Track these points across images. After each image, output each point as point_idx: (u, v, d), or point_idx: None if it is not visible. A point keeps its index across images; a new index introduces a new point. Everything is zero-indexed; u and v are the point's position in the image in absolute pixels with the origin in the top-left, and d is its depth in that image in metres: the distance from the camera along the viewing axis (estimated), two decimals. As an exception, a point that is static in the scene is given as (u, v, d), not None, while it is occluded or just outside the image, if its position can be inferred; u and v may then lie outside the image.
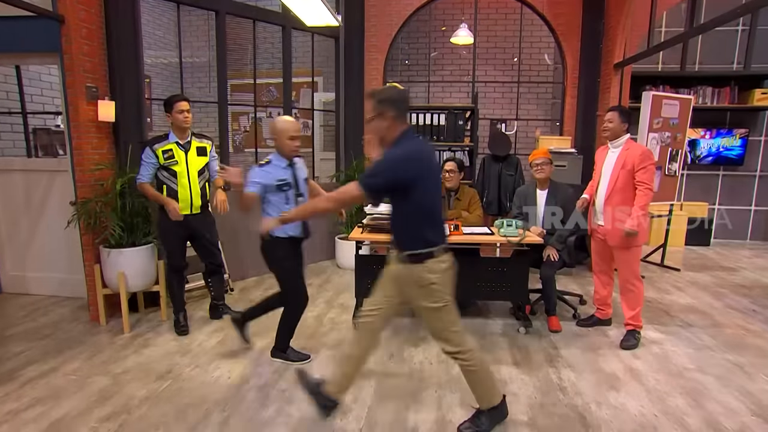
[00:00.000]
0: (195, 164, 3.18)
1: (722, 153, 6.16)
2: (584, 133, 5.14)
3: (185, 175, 3.13)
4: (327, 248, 5.31)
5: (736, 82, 5.71)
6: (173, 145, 3.10)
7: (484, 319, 3.57)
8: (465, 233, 3.27)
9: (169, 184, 3.11)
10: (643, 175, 2.91)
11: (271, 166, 2.67)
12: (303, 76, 5.40)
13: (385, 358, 2.90)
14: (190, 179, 3.16)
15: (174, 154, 3.09)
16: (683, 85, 5.77)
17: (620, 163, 2.98)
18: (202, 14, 5.40)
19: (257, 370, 2.72)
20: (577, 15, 5.14)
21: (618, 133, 3.02)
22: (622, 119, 2.99)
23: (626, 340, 3.08)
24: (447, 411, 2.33)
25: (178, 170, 3.11)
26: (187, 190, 3.14)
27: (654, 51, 4.25)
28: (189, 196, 3.15)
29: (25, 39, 3.42)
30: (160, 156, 3.06)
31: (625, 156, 2.97)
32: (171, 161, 3.09)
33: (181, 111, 3.05)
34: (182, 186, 3.13)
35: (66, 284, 3.89)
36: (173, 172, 3.11)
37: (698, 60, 6.16)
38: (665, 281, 4.59)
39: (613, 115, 3.01)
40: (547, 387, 2.57)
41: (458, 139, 4.92)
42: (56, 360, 2.83)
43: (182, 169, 3.12)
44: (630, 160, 2.94)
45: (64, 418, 2.24)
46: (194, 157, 3.18)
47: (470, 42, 5.94)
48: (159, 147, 3.06)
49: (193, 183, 3.17)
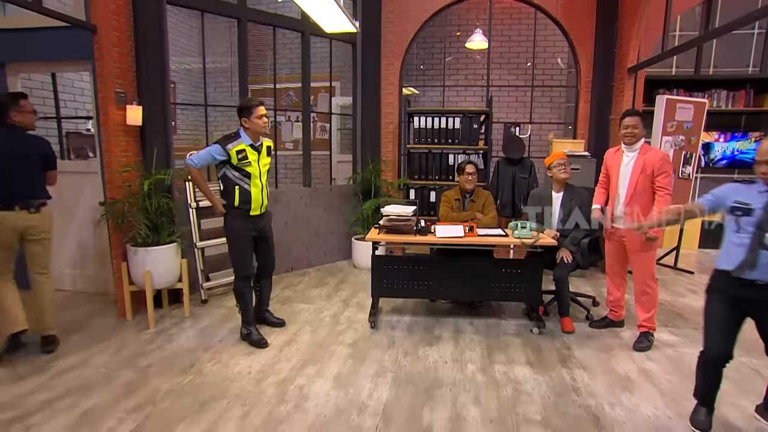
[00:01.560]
0: (264, 164, 3.13)
1: (737, 156, 6.09)
2: (598, 137, 5.15)
3: (258, 175, 3.06)
4: (343, 248, 5.40)
5: (751, 86, 5.65)
6: (247, 146, 2.99)
7: (497, 319, 3.61)
8: (479, 235, 3.32)
9: (242, 185, 3.02)
10: (663, 180, 2.92)
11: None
12: (321, 81, 5.51)
13: (401, 356, 2.96)
14: (262, 179, 3.10)
15: (248, 155, 2.99)
16: (697, 88, 5.73)
17: (639, 167, 2.99)
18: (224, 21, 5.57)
19: (276, 367, 2.80)
20: (590, 19, 5.16)
21: (640, 138, 3.05)
22: (643, 123, 3.03)
23: (640, 342, 3.09)
24: (461, 409, 2.37)
25: (252, 171, 3.03)
26: (259, 191, 3.09)
27: (668, 55, 4.26)
28: (261, 197, 3.10)
29: (61, 48, 3.62)
30: (234, 156, 2.95)
31: (643, 161, 2.97)
32: (245, 162, 2.99)
33: (261, 116, 2.97)
34: (255, 186, 3.06)
35: (95, 280, 4.03)
36: (247, 174, 3.02)
37: (713, 63, 6.12)
38: (679, 284, 4.57)
39: (637, 120, 3.02)
40: (561, 387, 2.59)
41: (473, 142, 4.97)
42: (86, 353, 2.95)
43: (255, 170, 3.05)
44: (650, 165, 2.95)
45: (94, 409, 2.34)
46: (264, 157, 3.11)
47: (484, 47, 6.00)
48: (233, 147, 2.94)
49: (264, 183, 3.12)
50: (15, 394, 2.47)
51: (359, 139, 5.45)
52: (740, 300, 2.12)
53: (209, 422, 2.23)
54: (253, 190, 3.05)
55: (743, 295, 2.10)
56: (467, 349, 3.07)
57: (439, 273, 3.44)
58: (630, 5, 4.74)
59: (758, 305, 2.11)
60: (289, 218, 4.85)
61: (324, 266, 5.19)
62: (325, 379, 2.66)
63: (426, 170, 5.11)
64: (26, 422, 2.22)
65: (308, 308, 3.82)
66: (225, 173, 3.01)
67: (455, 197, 3.86)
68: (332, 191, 5.28)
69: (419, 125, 4.99)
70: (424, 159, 5.09)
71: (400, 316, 3.67)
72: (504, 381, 2.65)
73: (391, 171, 5.62)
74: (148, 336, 3.23)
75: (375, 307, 3.54)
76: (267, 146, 3.14)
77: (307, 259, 5.09)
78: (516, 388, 2.57)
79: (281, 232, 4.76)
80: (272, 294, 4.12)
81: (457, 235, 3.27)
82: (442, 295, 3.75)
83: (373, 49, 5.29)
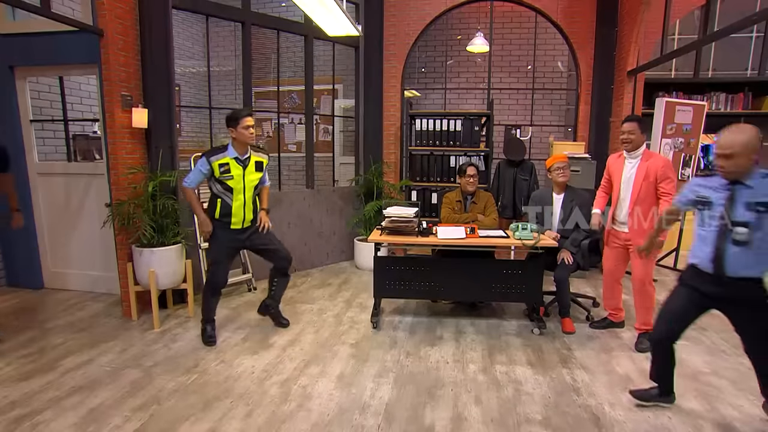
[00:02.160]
0: (252, 180, 3.07)
1: (737, 159, 6.11)
2: (598, 139, 5.19)
3: (241, 191, 3.02)
4: (346, 249, 5.44)
5: (750, 89, 5.68)
6: (231, 160, 2.97)
7: (498, 319, 3.64)
8: (481, 236, 3.36)
9: (224, 199, 3.02)
10: (666, 186, 2.93)
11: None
12: (324, 84, 5.56)
13: (402, 356, 2.98)
14: (246, 195, 3.05)
15: (230, 168, 2.97)
16: (696, 91, 5.76)
17: (642, 173, 2.99)
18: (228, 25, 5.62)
19: (279, 367, 2.82)
20: (590, 23, 5.21)
21: (639, 144, 3.04)
22: (642, 129, 3.02)
23: (640, 343, 3.11)
24: (463, 409, 2.39)
25: (234, 186, 3.00)
26: (241, 206, 3.05)
27: (667, 58, 4.29)
28: (243, 212, 3.06)
29: (68, 52, 3.68)
30: (216, 169, 2.94)
31: (646, 167, 2.98)
32: (226, 176, 2.97)
33: (248, 127, 2.94)
34: (237, 201, 3.02)
35: (101, 281, 4.08)
36: (228, 188, 3.00)
37: (711, 66, 6.15)
38: (680, 286, 4.57)
39: (634, 126, 3.01)
40: (561, 387, 2.61)
41: (474, 144, 5.01)
42: (92, 352, 2.99)
43: (239, 185, 3.01)
44: (653, 171, 2.95)
45: (100, 407, 2.37)
46: (252, 172, 3.06)
47: (486, 50, 6.04)
48: (216, 160, 2.94)
49: (248, 199, 3.07)
50: (23, 392, 2.50)
51: (362, 141, 5.49)
52: (707, 295, 2.13)
53: (213, 421, 2.26)
54: (235, 204, 3.03)
55: (710, 290, 2.11)
56: (468, 349, 3.10)
57: (440, 274, 3.47)
58: (629, 9, 4.78)
59: (725, 301, 2.11)
60: (292, 219, 4.89)
61: (327, 267, 5.23)
62: (328, 378, 2.69)
63: (428, 172, 5.15)
64: (35, 420, 2.26)
65: (311, 308, 3.86)
66: (210, 185, 3.04)
67: (457, 199, 3.89)
68: (335, 193, 5.33)
69: (421, 127, 5.03)
70: (425, 161, 5.13)
71: (402, 316, 3.69)
72: (505, 381, 2.67)
73: (393, 173, 5.66)
74: (153, 336, 3.26)
75: (377, 308, 3.58)
76: (256, 161, 3.09)
77: (310, 260, 5.12)
78: (517, 388, 2.59)
79: (284, 233, 4.80)
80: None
81: (459, 236, 3.30)
82: (443, 296, 3.77)
83: (376, 52, 5.34)
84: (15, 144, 3.98)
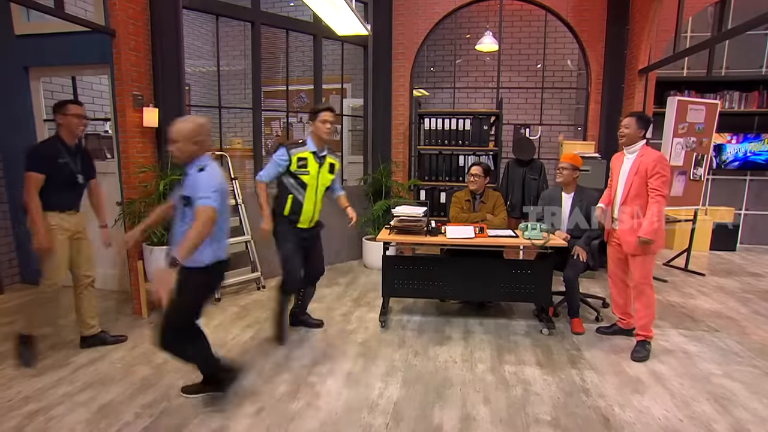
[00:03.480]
0: (324, 180, 3.03)
1: (749, 158, 6.04)
2: (608, 139, 5.15)
3: (314, 188, 2.98)
4: (354, 248, 5.44)
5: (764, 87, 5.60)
6: (310, 154, 2.94)
7: (507, 319, 3.62)
8: (489, 236, 3.34)
9: (296, 195, 2.96)
10: (655, 182, 2.86)
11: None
12: (332, 83, 5.57)
13: (411, 355, 2.98)
14: (317, 195, 3.01)
15: (308, 164, 2.92)
16: (709, 90, 5.70)
17: (634, 169, 2.95)
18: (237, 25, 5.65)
19: (287, 365, 2.84)
20: (601, 21, 5.16)
21: (634, 139, 2.98)
22: (639, 125, 2.96)
23: (636, 352, 2.98)
24: (471, 408, 2.38)
25: (308, 182, 2.94)
26: (311, 205, 3.00)
27: (680, 56, 4.25)
28: (312, 211, 3.02)
29: (81, 52, 3.72)
30: (294, 161, 2.90)
31: (639, 162, 2.93)
32: (302, 170, 2.92)
33: (325, 121, 2.92)
34: (308, 199, 2.98)
35: (112, 279, 4.13)
36: (302, 183, 2.94)
37: (725, 64, 6.07)
38: (689, 286, 4.54)
39: (630, 120, 2.98)
40: (570, 388, 2.59)
41: (483, 143, 4.99)
42: (103, 349, 3.02)
43: (312, 182, 2.96)
44: (644, 167, 2.91)
45: (111, 403, 2.40)
46: (326, 173, 3.02)
47: (495, 49, 6.01)
48: (296, 152, 2.91)
49: (318, 199, 3.03)
50: (36, 387, 2.54)
51: (370, 140, 5.49)
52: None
53: (222, 418, 2.27)
54: (306, 203, 2.97)
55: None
56: (477, 349, 3.09)
57: (449, 273, 3.46)
58: (641, 6, 4.73)
59: None
60: (301, 219, 4.90)
61: (335, 266, 5.24)
62: (336, 377, 2.69)
63: (436, 171, 5.14)
64: (48, 414, 2.29)
65: (320, 307, 3.86)
66: (282, 179, 2.96)
67: (465, 198, 3.88)
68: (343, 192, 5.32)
69: (430, 127, 5.02)
70: (434, 160, 5.12)
71: (411, 315, 3.69)
72: (514, 381, 2.66)
73: (401, 172, 5.65)
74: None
75: (385, 307, 3.57)
76: (330, 163, 3.05)
77: (318, 259, 5.13)
78: (526, 389, 2.58)
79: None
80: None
81: (468, 235, 3.29)
82: (452, 296, 3.76)
83: (385, 51, 5.34)
84: (29, 143, 4.02)
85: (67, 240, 2.89)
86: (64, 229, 2.87)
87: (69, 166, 2.82)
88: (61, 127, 2.81)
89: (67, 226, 2.88)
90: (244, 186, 4.51)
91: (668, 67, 4.86)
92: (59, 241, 2.85)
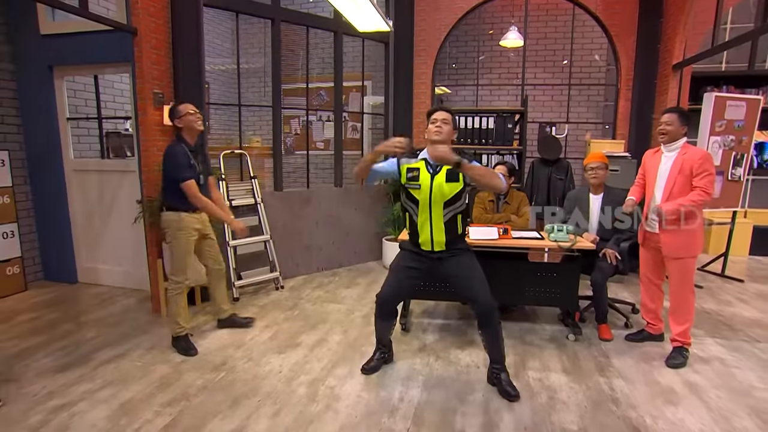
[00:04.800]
0: (441, 191, 2.43)
1: (795, 157, 5.74)
2: (639, 137, 4.95)
3: (427, 205, 2.45)
4: (374, 249, 5.38)
5: (814, 81, 5.31)
6: (421, 163, 2.48)
7: (531, 324, 3.51)
8: (514, 237, 3.24)
9: (410, 213, 2.54)
10: (701, 180, 2.72)
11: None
12: (353, 80, 5.52)
13: (432, 359, 2.91)
14: (432, 211, 2.45)
15: (419, 175, 2.46)
16: (751, 84, 5.41)
17: (677, 167, 2.81)
18: (257, 22, 5.64)
19: (306, 366, 2.80)
20: (632, 14, 4.97)
21: (676, 137, 2.84)
22: (681, 122, 2.82)
23: (672, 358, 2.85)
24: (494, 415, 2.31)
25: (420, 198, 2.46)
26: (427, 224, 2.47)
27: (719, 50, 4.03)
28: (429, 231, 2.48)
29: (103, 51, 3.76)
30: (403, 174, 2.49)
31: (682, 160, 2.79)
32: (413, 184, 2.47)
33: (434, 121, 2.48)
34: (422, 217, 2.48)
35: (131, 277, 4.16)
36: (414, 199, 2.49)
37: (769, 58, 5.78)
38: (727, 292, 4.32)
39: (673, 117, 2.83)
40: (598, 397, 2.49)
41: (507, 142, 4.87)
42: (123, 347, 3.04)
43: (424, 196, 2.45)
44: (688, 165, 2.77)
45: (131, 401, 2.41)
46: (442, 182, 2.44)
47: (520, 44, 5.87)
48: (406, 163, 2.50)
49: (435, 216, 2.45)
50: (60, 383, 2.57)
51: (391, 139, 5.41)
52: None
53: (241, 419, 2.26)
54: (420, 221, 2.48)
55: None
56: (500, 354, 3.00)
57: (471, 275, 3.36)
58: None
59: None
60: (320, 218, 4.87)
61: (354, 266, 5.19)
62: (356, 380, 2.65)
63: (458, 170, 5.03)
64: (71, 410, 2.32)
65: (339, 308, 3.82)
66: (401, 197, 2.59)
67: (489, 198, 3.78)
68: (363, 191, 5.27)
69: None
70: (456, 159, 5.00)
71: (432, 318, 3.62)
72: (538, 388, 2.57)
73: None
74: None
75: (406, 309, 3.50)
76: (449, 170, 2.45)
77: (338, 259, 5.09)
78: (551, 396, 2.49)
79: (312, 232, 4.79)
80: (303, 293, 4.19)
81: (491, 237, 3.19)
82: (474, 298, 3.66)
83: (406, 48, 5.26)
84: (53, 141, 4.11)
85: (195, 240, 3.04)
86: (194, 229, 3.01)
87: (196, 167, 2.95)
88: (182, 130, 2.93)
89: (197, 225, 3.02)
90: (263, 185, 4.50)
91: (704, 61, 4.62)
92: (188, 242, 2.98)
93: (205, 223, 3.10)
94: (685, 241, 2.81)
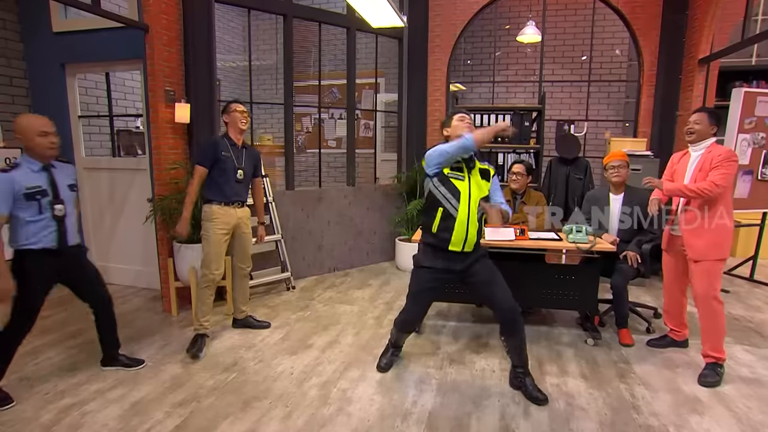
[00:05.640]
0: (478, 189, 2.38)
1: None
2: (662, 135, 4.78)
3: (467, 198, 2.35)
4: (387, 249, 5.32)
5: None
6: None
7: (548, 327, 3.41)
8: (531, 238, 3.14)
9: (447, 207, 2.36)
10: (714, 174, 2.58)
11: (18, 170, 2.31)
12: (366, 78, 5.45)
13: (446, 363, 2.85)
14: (471, 208, 2.35)
15: (462, 166, 2.38)
16: (784, 80, 5.20)
17: (699, 165, 2.69)
18: (269, 18, 5.60)
19: (318, 368, 2.76)
20: (656, 6, 4.79)
21: (704, 136, 2.71)
22: (711, 121, 2.69)
23: (705, 376, 2.63)
24: (510, 421, 2.24)
25: (462, 190, 2.34)
26: (464, 220, 2.35)
27: (749, 43, 3.84)
28: (465, 229, 2.36)
29: (115, 48, 3.75)
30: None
31: (704, 159, 2.68)
32: (457, 174, 2.36)
33: (463, 118, 2.46)
34: (462, 213, 2.34)
35: (142, 276, 4.16)
36: (456, 191, 2.34)
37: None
38: (756, 297, 4.16)
39: (702, 116, 2.71)
40: (619, 404, 2.40)
41: (524, 141, 4.77)
42: (134, 346, 3.02)
43: (466, 189, 2.35)
44: (708, 162, 2.65)
45: (142, 401, 2.39)
46: (478, 178, 2.40)
47: (537, 40, 5.73)
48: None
49: (472, 213, 2.36)
50: (71, 382, 2.57)
51: (404, 137, 5.34)
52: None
53: (252, 421, 2.23)
54: (459, 216, 2.34)
55: None
56: (516, 358, 2.91)
57: (486, 277, 3.28)
58: (703, -10, 4.35)
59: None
60: (333, 217, 4.82)
61: (366, 267, 5.13)
62: (369, 383, 2.60)
63: (473, 169, 4.94)
64: (82, 410, 2.31)
65: (351, 310, 3.77)
66: (431, 188, 2.41)
67: (506, 198, 3.68)
68: (376, 191, 5.21)
69: (467, 122, 4.82)
70: (471, 158, 4.92)
71: (446, 321, 3.54)
72: (556, 394, 2.49)
73: (437, 170, 5.47)
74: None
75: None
76: (481, 169, 2.42)
77: (350, 259, 5.04)
78: (569, 402, 2.41)
79: (324, 232, 4.74)
80: (314, 294, 4.14)
81: (508, 238, 3.10)
82: (489, 300, 3.57)
83: (420, 44, 5.17)
84: (65, 139, 4.10)
85: (225, 234, 3.01)
86: (224, 223, 2.97)
87: (231, 161, 2.95)
88: (228, 125, 3.00)
89: (228, 219, 2.99)
90: (274, 183, 4.46)
91: (733, 55, 4.43)
92: (217, 234, 2.96)
93: (242, 219, 3.09)
94: (711, 242, 2.65)
